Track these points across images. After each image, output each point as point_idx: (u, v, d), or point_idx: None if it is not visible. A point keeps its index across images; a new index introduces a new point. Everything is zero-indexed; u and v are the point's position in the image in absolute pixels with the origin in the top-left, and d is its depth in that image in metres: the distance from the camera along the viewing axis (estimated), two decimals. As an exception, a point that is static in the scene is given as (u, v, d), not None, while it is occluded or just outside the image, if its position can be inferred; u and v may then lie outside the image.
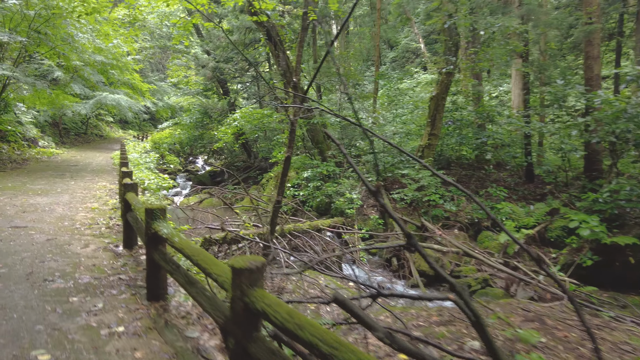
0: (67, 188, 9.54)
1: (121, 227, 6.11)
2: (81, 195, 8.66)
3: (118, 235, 5.69)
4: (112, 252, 4.91)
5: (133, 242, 5.11)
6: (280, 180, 5.71)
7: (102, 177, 11.99)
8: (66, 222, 6.30)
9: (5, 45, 13.16)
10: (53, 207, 7.34)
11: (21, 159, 15.03)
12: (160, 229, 3.29)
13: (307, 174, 12.01)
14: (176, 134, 22.37)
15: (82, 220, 6.52)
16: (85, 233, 5.75)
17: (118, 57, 22.57)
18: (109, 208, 7.51)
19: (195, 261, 2.55)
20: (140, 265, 4.50)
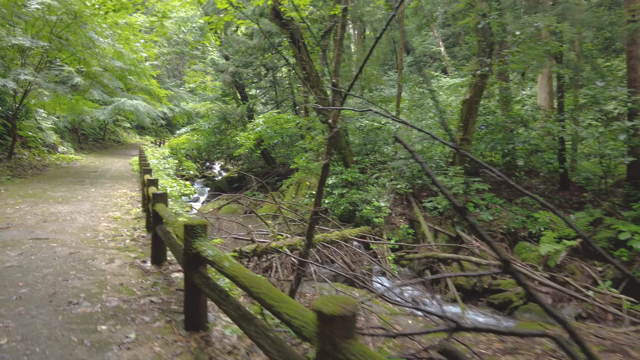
0: (88, 195, 9.22)
1: (147, 239, 5.69)
2: (102, 204, 8.31)
3: (144, 249, 5.26)
4: (139, 269, 4.47)
5: (162, 258, 4.67)
6: (318, 190, 5.22)
7: (122, 183, 11.69)
8: (89, 234, 5.91)
9: (28, 52, 13.03)
10: (74, 217, 6.98)
11: (41, 164, 14.87)
12: (204, 249, 2.82)
13: (331, 180, 11.52)
14: (194, 140, 22.13)
15: (105, 231, 6.12)
16: (109, 246, 5.34)
17: (136, 63, 22.52)
18: (132, 217, 7.12)
19: (255, 294, 2.07)
20: (172, 285, 4.05)
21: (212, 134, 19.49)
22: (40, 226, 6.19)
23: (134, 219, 7.04)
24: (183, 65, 37.70)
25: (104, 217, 7.09)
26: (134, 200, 8.96)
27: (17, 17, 12.51)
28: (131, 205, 8.24)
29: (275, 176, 19.16)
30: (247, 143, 13.04)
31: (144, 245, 5.47)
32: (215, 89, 21.46)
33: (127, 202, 8.61)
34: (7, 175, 11.36)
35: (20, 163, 13.73)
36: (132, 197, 9.25)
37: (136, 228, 6.33)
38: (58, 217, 6.85)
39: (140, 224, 6.56)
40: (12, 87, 10.41)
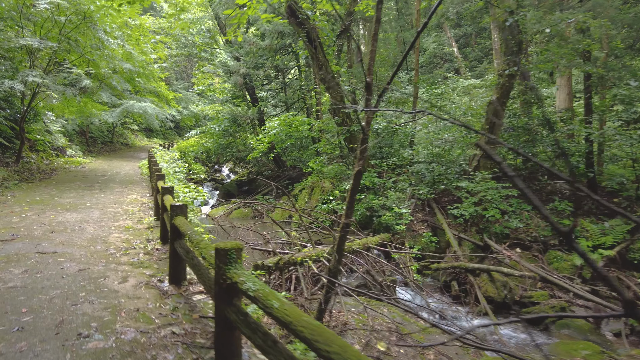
0: (97, 202, 8.76)
1: (162, 252, 5.20)
2: (112, 211, 7.84)
3: (160, 265, 4.77)
4: (156, 290, 3.97)
5: (181, 277, 4.17)
6: (349, 199, 4.70)
7: (131, 188, 11.24)
8: (99, 246, 5.43)
9: (36, 53, 12.66)
10: (83, 226, 6.51)
11: (49, 168, 14.50)
12: (242, 280, 2.31)
13: (348, 185, 10.98)
14: (203, 143, 21.71)
15: (117, 243, 5.64)
16: (121, 261, 4.85)
17: (145, 65, 22.18)
18: (145, 227, 6.63)
19: (325, 354, 1.55)
20: (194, 311, 3.54)
21: (222, 136, 19.04)
22: (47, 237, 5.72)
23: (147, 228, 6.56)
24: (191, 67, 37.40)
25: (115, 226, 6.61)
26: (145, 207, 8.49)
27: (26, 19, 12.15)
28: (143, 213, 7.77)
29: (286, 180, 18.67)
30: (260, 146, 12.54)
31: (159, 260, 4.98)
32: (225, 92, 21.03)
33: (138, 209, 8.14)
34: (14, 179, 10.96)
35: (28, 167, 13.35)
36: (144, 204, 8.78)
37: (150, 239, 5.84)
38: (66, 227, 6.39)
39: (154, 235, 6.08)
40: (20, 89, 10.02)
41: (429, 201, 10.67)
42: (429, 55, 30.79)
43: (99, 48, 12.49)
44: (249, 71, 15.50)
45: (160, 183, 6.78)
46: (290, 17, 10.84)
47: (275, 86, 18.50)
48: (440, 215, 10.28)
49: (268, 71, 17.08)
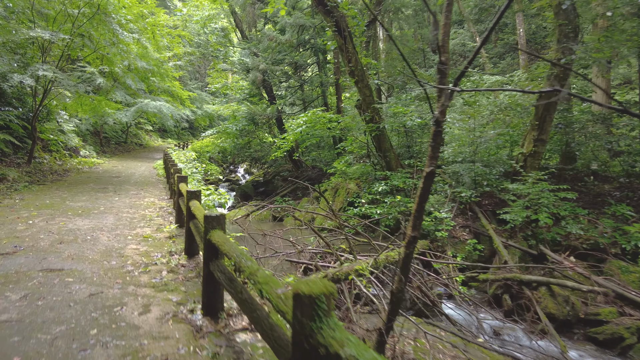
0: (111, 206, 7.94)
1: (188, 268, 4.30)
2: (128, 217, 7.00)
3: (188, 287, 3.87)
4: (188, 325, 3.07)
5: (218, 306, 3.25)
6: (417, 208, 3.75)
7: (148, 190, 10.43)
8: (114, 261, 4.55)
9: (48, 48, 11.94)
10: (96, 235, 5.65)
11: (62, 169, 13.79)
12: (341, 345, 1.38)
13: (381, 187, 10.01)
14: (219, 142, 20.92)
15: (134, 256, 4.76)
16: (141, 281, 3.96)
17: (159, 63, 21.48)
18: (166, 236, 5.76)
19: None
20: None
21: (239, 136, 18.22)
22: (55, 250, 4.87)
23: (168, 238, 5.67)
24: (205, 67, 36.75)
25: (132, 235, 5.75)
26: (164, 212, 7.64)
27: (38, 12, 11.44)
28: (162, 219, 6.90)
29: (306, 180, 17.75)
30: (285, 145, 11.64)
31: (186, 279, 4.08)
32: (242, 89, 20.21)
33: (157, 215, 7.28)
34: (25, 181, 10.22)
35: (40, 168, 12.65)
36: (162, 208, 7.92)
37: (173, 252, 4.95)
38: (77, 236, 5.54)
39: (177, 246, 5.19)
40: (30, 84, 9.27)
41: (471, 205, 9.65)
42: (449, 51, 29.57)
43: (113, 42, 11.72)
44: (268, 67, 14.63)
45: (183, 186, 5.90)
46: (319, 6, 9.92)
47: (295, 83, 17.61)
48: (485, 220, 9.26)
49: (287, 68, 16.21)
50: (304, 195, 17.17)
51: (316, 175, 17.98)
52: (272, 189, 20.00)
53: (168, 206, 8.14)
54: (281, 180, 19.58)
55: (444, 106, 3.92)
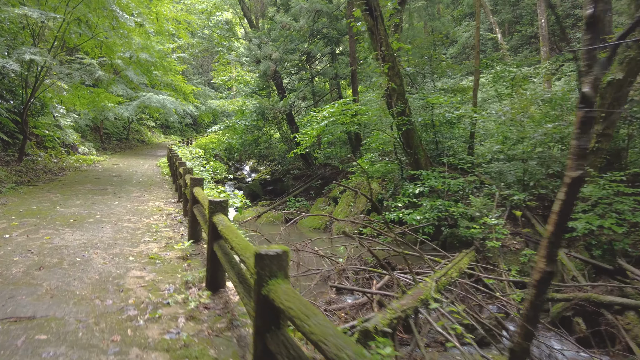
0: (110, 212, 6.59)
1: (214, 311, 2.98)
2: (130, 227, 5.66)
3: (220, 350, 2.53)
4: None
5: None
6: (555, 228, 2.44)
7: (152, 192, 9.09)
8: (109, 299, 3.22)
9: (40, 32, 10.57)
10: (89, 255, 4.32)
11: (58, 168, 12.44)
12: None
13: (417, 188, 8.66)
14: (225, 139, 19.54)
15: (138, 291, 3.43)
16: (149, 339, 2.63)
17: (162, 55, 20.07)
18: (177, 256, 4.42)
19: None
20: None
21: (247, 132, 16.84)
22: (30, 280, 3.54)
23: (181, 259, 4.34)
24: (208, 62, 35.30)
25: (134, 255, 4.41)
26: (173, 219, 6.30)
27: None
28: (171, 231, 5.57)
29: (319, 179, 16.41)
30: (305, 141, 10.27)
31: (214, 333, 2.74)
32: (248, 82, 18.83)
33: (164, 224, 5.94)
34: (12, 182, 8.88)
35: (32, 166, 11.29)
36: (170, 215, 6.58)
37: (189, 283, 3.61)
38: (63, 257, 4.20)
39: (194, 273, 3.85)
40: (14, 69, 7.90)
41: (522, 209, 8.32)
42: (460, 45, 28.21)
43: (113, 27, 10.34)
44: (281, 56, 13.24)
45: (199, 192, 4.55)
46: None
47: (307, 74, 16.22)
48: (540, 227, 7.94)
49: (301, 58, 14.84)
50: (318, 195, 15.82)
51: (330, 174, 16.62)
52: (281, 188, 18.67)
53: (177, 212, 6.80)
54: (292, 179, 18.21)
55: (597, 79, 2.57)
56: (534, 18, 24.70)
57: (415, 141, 10.65)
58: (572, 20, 23.78)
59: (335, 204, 13.42)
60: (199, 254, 4.51)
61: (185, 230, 5.59)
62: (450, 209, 8.36)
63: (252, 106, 15.74)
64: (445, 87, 12.75)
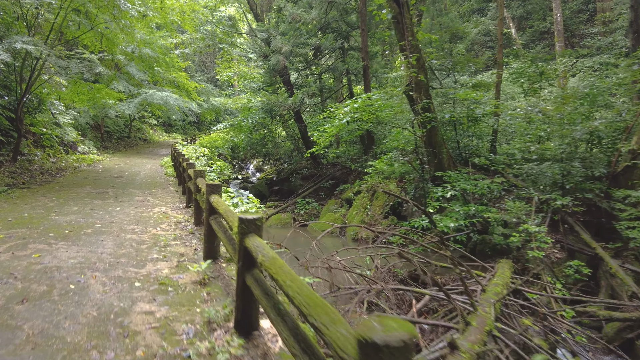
0: (111, 221, 5.77)
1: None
2: (134, 240, 4.84)
3: None
4: None
5: None
6: None
7: (157, 195, 8.26)
8: (111, 351, 2.40)
9: (36, 23, 9.73)
10: (85, 281, 3.50)
11: (56, 168, 11.60)
12: None
13: (449, 191, 7.83)
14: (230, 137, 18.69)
15: (148, 336, 2.61)
16: None
17: (165, 51, 19.23)
18: (193, 281, 3.60)
19: None
20: None
21: (253, 129, 16.00)
22: (6, 320, 2.72)
23: (199, 284, 3.52)
24: (211, 59, 34.39)
25: (140, 279, 3.59)
26: (183, 229, 5.48)
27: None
28: (182, 244, 4.75)
29: (329, 180, 15.59)
30: (323, 139, 9.44)
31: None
32: (253, 79, 17.98)
33: (173, 236, 5.12)
34: (3, 184, 8.04)
35: (27, 167, 10.45)
36: (179, 224, 5.76)
37: (213, 323, 2.79)
38: (53, 283, 3.38)
39: (217, 307, 3.03)
40: (4, 59, 7.05)
41: (563, 215, 7.51)
42: (469, 42, 27.32)
43: (114, 16, 9.50)
44: (292, 49, 12.39)
45: (218, 201, 3.73)
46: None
47: (318, 70, 15.37)
48: (586, 236, 7.13)
49: (310, 52, 14.00)
50: (328, 196, 14.99)
51: (340, 174, 15.79)
52: (288, 188, 17.85)
53: (186, 221, 5.98)
54: (300, 179, 17.38)
55: None
56: (546, 13, 23.84)
57: (438, 139, 9.84)
58: (585, 15, 22.92)
59: (348, 206, 12.60)
60: (218, 277, 3.69)
61: (198, 244, 4.77)
62: (484, 215, 7.55)
63: (259, 103, 14.90)
64: (466, 83, 11.92)
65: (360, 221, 11.13)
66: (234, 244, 3.10)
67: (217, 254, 4.20)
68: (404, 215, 10.52)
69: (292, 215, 13.73)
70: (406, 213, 10.46)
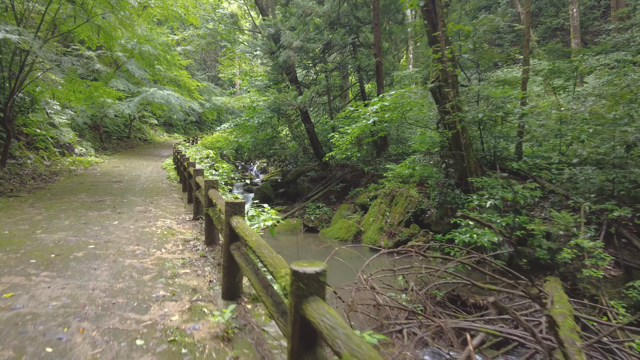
0: (107, 239, 4.84)
1: None
2: (135, 269, 3.91)
3: None
4: None
5: None
6: None
7: (159, 204, 7.33)
8: None
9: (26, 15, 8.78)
10: (68, 339, 2.57)
11: (49, 172, 10.65)
12: None
13: (489, 200, 6.91)
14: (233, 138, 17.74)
15: None
16: None
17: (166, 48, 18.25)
18: (213, 334, 2.67)
19: None
20: None
21: (259, 129, 15.06)
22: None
23: (221, 340, 2.59)
24: (212, 58, 33.40)
25: (143, 333, 2.67)
26: (192, 250, 4.56)
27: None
28: (193, 273, 3.82)
29: (339, 182, 14.67)
30: (340, 142, 8.51)
31: None
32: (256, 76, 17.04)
33: (182, 261, 4.19)
34: (-12, 192, 7.11)
35: (18, 171, 9.50)
36: (187, 243, 4.84)
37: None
38: (22, 347, 2.45)
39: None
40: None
41: (618, 228, 6.62)
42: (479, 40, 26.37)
43: (112, 6, 8.55)
44: (303, 44, 11.45)
45: (244, 227, 2.81)
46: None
47: (330, 65, 14.44)
48: (648, 250, 6.24)
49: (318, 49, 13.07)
50: (339, 200, 14.07)
51: (351, 177, 14.87)
52: (295, 190, 16.93)
53: (195, 239, 5.05)
54: (308, 181, 16.44)
55: None
56: (559, 9, 22.95)
57: (466, 141, 8.94)
58: (599, 12, 22.01)
59: (363, 212, 11.69)
60: (246, 328, 2.78)
61: (212, 273, 3.86)
62: (528, 227, 6.66)
63: (266, 102, 13.96)
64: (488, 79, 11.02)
65: (378, 229, 10.22)
66: (280, 304, 2.17)
67: (239, 290, 3.29)
68: (426, 223, 9.62)
69: (302, 220, 12.83)
70: (429, 221, 9.56)
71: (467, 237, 6.11)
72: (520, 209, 7.81)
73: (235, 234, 3.08)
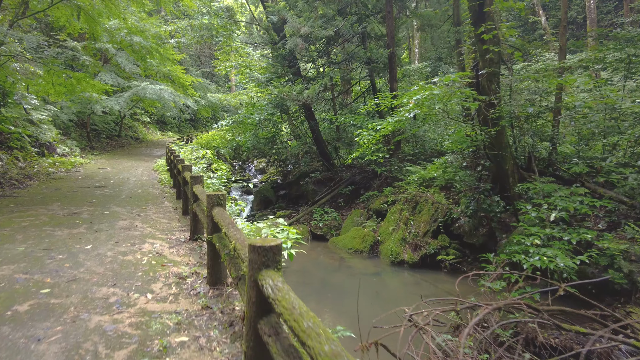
0: (72, 277, 3.43)
1: None
2: (103, 335, 2.51)
3: None
4: None
5: None
6: None
7: (148, 218, 5.89)
8: None
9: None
10: None
11: (23, 175, 9.14)
12: None
13: (555, 213, 5.58)
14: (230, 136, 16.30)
15: None
16: None
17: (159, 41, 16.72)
18: None
19: None
20: None
21: (260, 127, 13.65)
22: None
23: None
24: (207, 53, 31.77)
25: None
26: (190, 293, 3.18)
27: None
28: (194, 344, 2.45)
29: (348, 184, 13.30)
30: (364, 141, 7.15)
31: None
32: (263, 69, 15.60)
33: (177, 319, 2.81)
34: None
35: (-18, 175, 8.00)
36: (183, 282, 3.44)
37: None
38: None
39: None
40: None
41: None
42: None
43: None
44: (312, 31, 10.06)
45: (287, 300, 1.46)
46: None
47: (340, 57, 13.07)
48: None
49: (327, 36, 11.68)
50: (349, 204, 12.69)
51: (361, 179, 13.50)
52: (297, 193, 15.55)
53: (195, 274, 3.65)
54: (312, 183, 15.02)
55: None
56: (571, 1, 21.82)
57: (505, 140, 7.65)
58: (613, 4, 20.89)
59: (379, 219, 10.35)
60: None
61: (226, 342, 2.47)
62: (599, 244, 5.37)
63: (267, 97, 12.57)
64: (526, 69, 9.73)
65: (400, 240, 8.88)
66: None
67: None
68: (457, 234, 8.32)
69: (309, 227, 11.46)
70: (460, 231, 8.26)
71: (537, 261, 4.79)
72: (571, 220, 6.52)
73: (268, 303, 1.71)
